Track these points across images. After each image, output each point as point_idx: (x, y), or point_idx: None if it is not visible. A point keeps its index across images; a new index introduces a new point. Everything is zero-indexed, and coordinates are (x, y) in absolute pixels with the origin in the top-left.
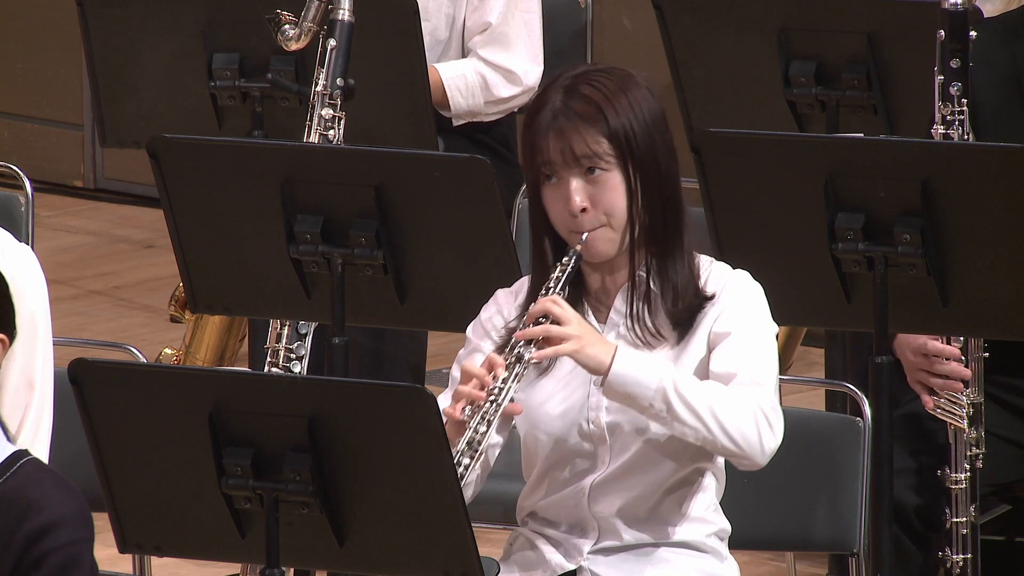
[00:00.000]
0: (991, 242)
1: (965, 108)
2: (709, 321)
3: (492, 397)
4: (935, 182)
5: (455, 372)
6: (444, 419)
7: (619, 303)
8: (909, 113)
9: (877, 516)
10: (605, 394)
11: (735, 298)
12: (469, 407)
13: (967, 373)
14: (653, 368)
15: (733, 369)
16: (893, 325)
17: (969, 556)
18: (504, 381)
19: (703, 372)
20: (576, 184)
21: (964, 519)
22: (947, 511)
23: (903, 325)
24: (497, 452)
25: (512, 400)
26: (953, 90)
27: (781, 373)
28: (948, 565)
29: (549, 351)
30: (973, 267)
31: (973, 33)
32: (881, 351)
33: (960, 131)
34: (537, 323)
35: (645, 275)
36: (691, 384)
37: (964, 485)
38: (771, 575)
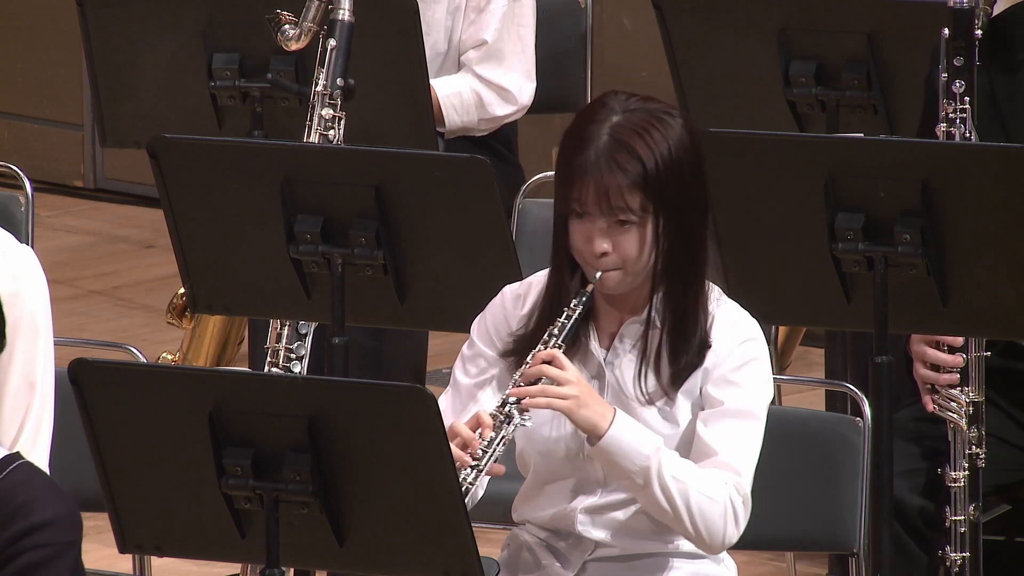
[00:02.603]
0: (991, 242)
1: (968, 106)
2: (701, 374)
3: (475, 462)
4: (935, 182)
5: (458, 374)
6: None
7: (625, 338)
8: (909, 113)
9: (877, 516)
10: (591, 454)
11: (734, 358)
12: None
13: (959, 362)
14: (644, 444)
15: (716, 447)
16: (893, 325)
17: (968, 555)
18: (490, 443)
19: (690, 430)
20: (601, 229)
21: (962, 517)
22: (947, 509)
23: (903, 325)
24: (488, 479)
25: (496, 461)
26: (956, 88)
27: (781, 373)
28: (948, 564)
29: (542, 402)
30: (973, 267)
31: (979, 32)
32: (881, 351)
33: (963, 129)
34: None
35: (658, 326)
36: (674, 469)
37: (963, 483)
38: (771, 575)
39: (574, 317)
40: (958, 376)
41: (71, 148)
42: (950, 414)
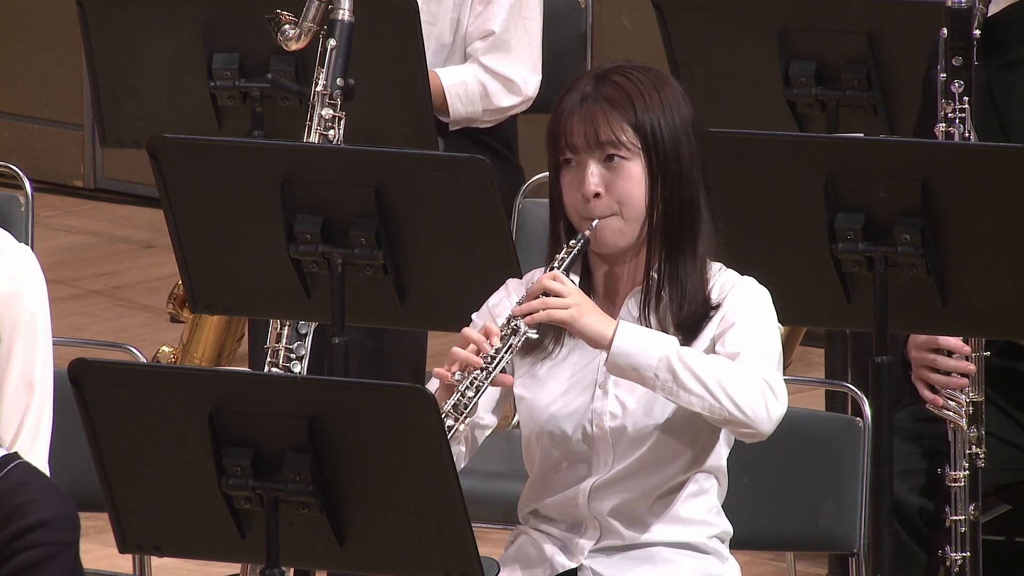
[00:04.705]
0: (991, 242)
1: (967, 106)
2: (713, 327)
3: (484, 364)
4: (935, 182)
5: (455, 350)
6: (435, 380)
7: (630, 307)
8: (909, 113)
9: (877, 516)
10: (610, 369)
11: (738, 299)
12: (460, 372)
13: (971, 368)
14: (656, 339)
15: (737, 349)
16: (893, 325)
17: (968, 555)
18: (497, 351)
19: None
20: (593, 168)
21: (963, 517)
22: (947, 509)
23: (903, 325)
24: (487, 433)
25: (504, 371)
26: (955, 88)
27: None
28: (948, 563)
29: (542, 315)
30: (973, 267)
31: (977, 32)
32: (881, 351)
33: (962, 129)
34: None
35: (657, 277)
36: (695, 354)
37: (963, 483)
38: (771, 575)
39: (573, 252)
40: (967, 380)
41: (71, 148)
42: (950, 414)
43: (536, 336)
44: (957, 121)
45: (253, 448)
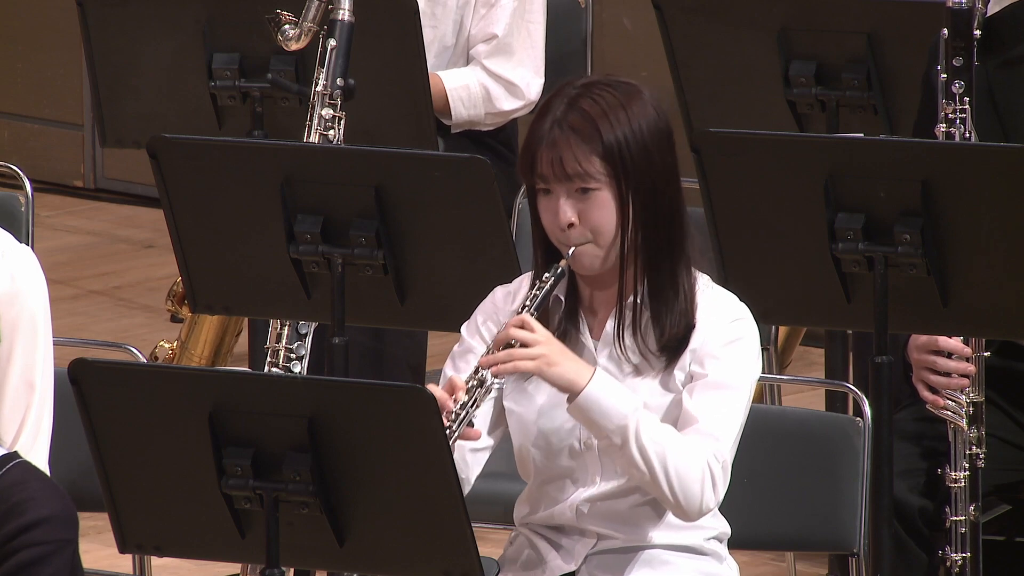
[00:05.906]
0: (991, 242)
1: (967, 107)
2: (690, 354)
3: (448, 423)
4: (935, 182)
5: (447, 371)
6: None
7: (611, 324)
8: (909, 113)
9: (877, 516)
10: (568, 411)
11: (722, 336)
12: None
13: (971, 369)
14: (623, 404)
15: (697, 415)
16: (893, 325)
17: (968, 555)
18: (463, 407)
19: (679, 405)
20: (565, 199)
21: (963, 518)
22: (947, 510)
23: (903, 325)
24: (487, 456)
25: (471, 425)
26: (956, 88)
27: (781, 372)
28: (948, 564)
29: (508, 367)
30: (973, 267)
31: (977, 32)
32: (881, 351)
33: (963, 129)
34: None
35: (638, 300)
36: (652, 431)
37: (963, 484)
38: (771, 575)
39: (545, 288)
40: (968, 381)
41: (71, 148)
42: (950, 414)
43: (503, 384)
44: (958, 121)
45: (253, 448)
